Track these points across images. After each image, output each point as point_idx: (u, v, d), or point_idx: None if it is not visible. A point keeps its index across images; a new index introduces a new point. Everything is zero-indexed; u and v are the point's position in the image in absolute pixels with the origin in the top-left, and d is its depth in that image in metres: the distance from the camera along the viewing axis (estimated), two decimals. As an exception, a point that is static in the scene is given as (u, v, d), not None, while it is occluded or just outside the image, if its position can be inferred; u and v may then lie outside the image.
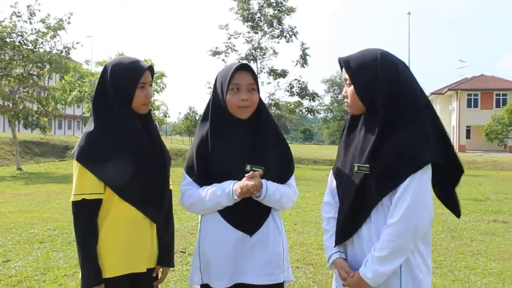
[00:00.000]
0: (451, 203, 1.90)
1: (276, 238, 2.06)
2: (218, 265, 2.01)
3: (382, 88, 1.73)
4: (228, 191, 1.97)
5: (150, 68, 2.05)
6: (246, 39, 20.72)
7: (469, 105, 39.46)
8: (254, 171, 1.97)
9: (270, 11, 20.61)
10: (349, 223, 1.82)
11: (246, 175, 1.96)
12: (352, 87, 1.81)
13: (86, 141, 1.92)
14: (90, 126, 1.96)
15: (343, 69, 1.85)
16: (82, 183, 1.90)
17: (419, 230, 1.70)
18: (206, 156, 2.03)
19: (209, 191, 2.00)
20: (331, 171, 2.02)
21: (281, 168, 2.10)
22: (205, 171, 2.04)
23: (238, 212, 2.00)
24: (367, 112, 1.81)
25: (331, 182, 2.00)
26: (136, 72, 1.97)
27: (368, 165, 1.74)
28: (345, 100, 1.88)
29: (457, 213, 1.90)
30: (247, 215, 2.01)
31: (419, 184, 1.68)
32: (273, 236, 2.05)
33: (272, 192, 2.00)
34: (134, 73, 1.97)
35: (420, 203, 1.69)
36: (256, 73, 2.07)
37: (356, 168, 1.78)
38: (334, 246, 1.90)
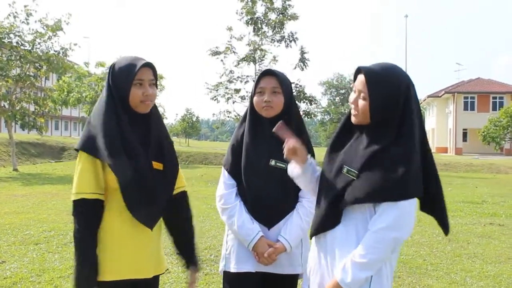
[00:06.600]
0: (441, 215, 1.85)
1: None
2: (242, 251, 2.21)
3: (396, 108, 1.72)
4: (248, 240, 2.17)
5: (150, 66, 1.97)
6: (248, 42, 20.68)
7: (465, 108, 39.62)
8: (278, 166, 2.19)
9: (273, 16, 20.58)
10: (323, 220, 1.82)
11: (269, 249, 2.15)
12: (365, 101, 1.75)
13: (85, 131, 1.94)
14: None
15: (358, 80, 1.79)
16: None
17: (401, 241, 1.72)
18: (239, 152, 2.28)
19: (238, 222, 2.19)
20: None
21: None
22: (236, 165, 2.27)
23: (260, 206, 2.20)
24: (370, 124, 1.78)
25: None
26: (132, 69, 1.92)
27: (357, 172, 1.73)
28: (353, 108, 1.81)
29: (446, 229, 1.85)
30: (268, 210, 2.20)
31: (409, 200, 1.69)
32: None
33: (295, 242, 2.19)
34: (130, 70, 1.92)
35: (408, 216, 1.69)
36: (282, 77, 2.26)
37: (345, 170, 1.78)
38: (310, 238, 1.93)
